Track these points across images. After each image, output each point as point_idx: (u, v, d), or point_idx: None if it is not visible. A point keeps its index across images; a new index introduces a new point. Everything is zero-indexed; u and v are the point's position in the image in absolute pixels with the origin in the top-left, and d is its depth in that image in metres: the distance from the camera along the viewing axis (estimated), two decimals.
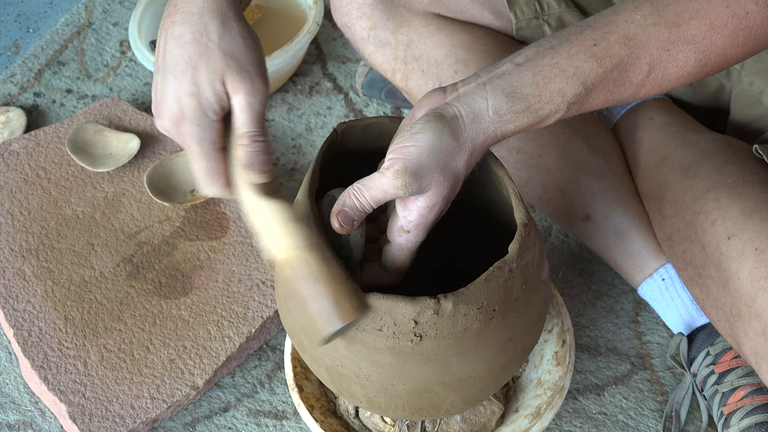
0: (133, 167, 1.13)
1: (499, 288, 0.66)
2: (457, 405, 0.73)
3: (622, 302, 1.03)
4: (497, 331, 0.68)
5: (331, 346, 0.68)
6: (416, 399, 0.70)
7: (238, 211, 1.08)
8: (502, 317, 0.67)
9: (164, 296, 1.01)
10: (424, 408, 0.72)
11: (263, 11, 1.33)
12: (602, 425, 0.93)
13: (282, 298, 0.75)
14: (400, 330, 0.65)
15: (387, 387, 0.69)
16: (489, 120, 0.65)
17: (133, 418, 0.91)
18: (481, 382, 0.71)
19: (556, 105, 0.65)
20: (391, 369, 0.68)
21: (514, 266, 0.66)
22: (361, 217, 0.67)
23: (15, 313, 0.99)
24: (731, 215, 0.80)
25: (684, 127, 0.95)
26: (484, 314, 0.66)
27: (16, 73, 1.35)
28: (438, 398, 0.71)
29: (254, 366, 1.00)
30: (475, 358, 0.68)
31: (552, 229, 1.10)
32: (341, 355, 0.69)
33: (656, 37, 0.64)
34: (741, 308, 0.77)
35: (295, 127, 1.25)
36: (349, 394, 0.73)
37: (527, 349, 0.73)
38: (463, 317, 0.65)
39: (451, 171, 0.65)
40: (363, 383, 0.70)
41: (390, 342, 0.66)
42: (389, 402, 0.71)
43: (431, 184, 0.64)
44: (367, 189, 0.65)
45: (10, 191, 1.11)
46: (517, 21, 1.00)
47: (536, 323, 0.73)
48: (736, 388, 0.86)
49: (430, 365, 0.67)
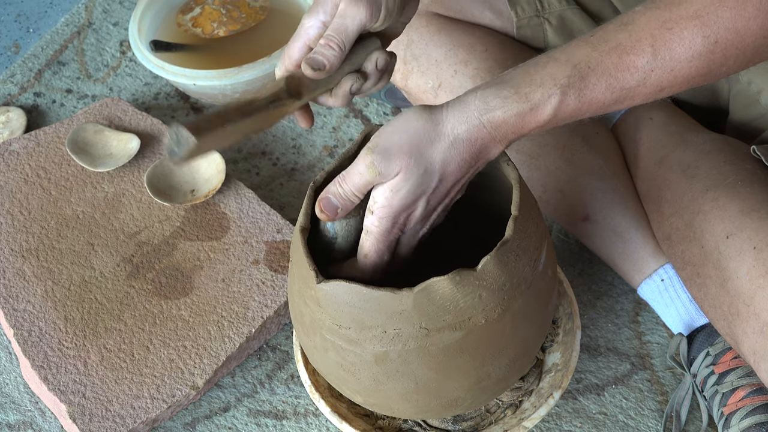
0: (133, 167, 1.13)
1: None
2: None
3: (622, 302, 1.03)
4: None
5: (404, 366, 0.70)
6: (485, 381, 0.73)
7: (238, 211, 1.08)
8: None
9: (164, 296, 1.01)
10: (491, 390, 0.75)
11: (267, 12, 1.33)
12: (602, 425, 0.93)
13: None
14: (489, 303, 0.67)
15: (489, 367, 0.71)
16: (474, 107, 0.63)
17: (133, 418, 0.91)
18: (538, 334, 0.75)
19: (548, 89, 0.62)
20: (487, 337, 0.69)
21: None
22: (345, 204, 0.67)
23: (15, 313, 0.99)
24: (730, 214, 0.80)
25: (683, 127, 0.95)
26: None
27: (16, 73, 1.35)
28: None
29: (254, 366, 1.00)
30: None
31: (552, 229, 1.10)
32: (409, 370, 0.70)
33: (656, 18, 0.62)
34: (739, 307, 0.77)
35: (295, 127, 1.25)
36: (429, 394, 0.73)
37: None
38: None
39: (425, 157, 0.63)
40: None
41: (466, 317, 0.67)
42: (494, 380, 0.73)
43: (401, 166, 0.63)
44: (348, 174, 0.65)
45: (10, 191, 1.11)
46: (518, 19, 1.00)
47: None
48: (736, 389, 0.86)
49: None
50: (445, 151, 0.64)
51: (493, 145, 0.65)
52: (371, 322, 0.67)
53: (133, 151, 1.13)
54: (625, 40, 0.62)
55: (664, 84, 0.63)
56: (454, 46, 1.00)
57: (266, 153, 1.22)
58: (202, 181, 1.11)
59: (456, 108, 0.64)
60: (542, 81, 0.62)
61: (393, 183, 0.64)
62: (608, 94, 0.63)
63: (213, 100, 1.27)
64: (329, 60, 0.66)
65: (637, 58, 0.62)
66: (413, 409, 0.75)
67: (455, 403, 0.74)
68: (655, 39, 0.62)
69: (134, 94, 1.31)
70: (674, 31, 0.61)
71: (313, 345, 0.74)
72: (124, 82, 1.33)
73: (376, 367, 0.70)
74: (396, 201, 0.65)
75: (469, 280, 0.65)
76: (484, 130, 0.63)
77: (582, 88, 0.63)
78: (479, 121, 0.63)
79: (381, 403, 0.76)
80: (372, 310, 0.66)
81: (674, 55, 0.62)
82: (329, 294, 0.67)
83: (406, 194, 0.65)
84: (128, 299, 1.00)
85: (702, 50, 0.62)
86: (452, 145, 0.64)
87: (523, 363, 0.76)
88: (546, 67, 0.63)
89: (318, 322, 0.70)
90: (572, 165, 0.96)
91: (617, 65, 0.62)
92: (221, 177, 1.09)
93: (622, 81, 0.63)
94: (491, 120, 0.63)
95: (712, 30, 0.61)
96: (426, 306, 0.65)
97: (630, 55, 0.62)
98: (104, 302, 1.00)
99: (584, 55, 0.62)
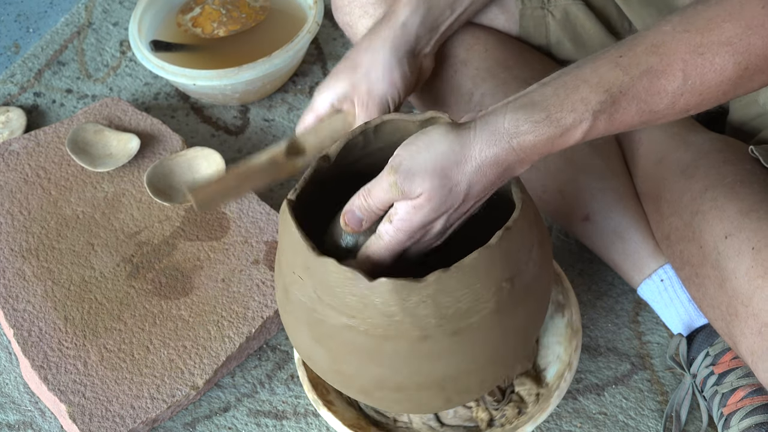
0: (133, 167, 1.13)
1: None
2: (537, 328, 0.76)
3: (622, 302, 1.03)
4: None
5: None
6: (519, 346, 0.73)
7: (238, 211, 1.08)
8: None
9: (164, 296, 1.01)
10: (521, 353, 0.76)
11: (267, 12, 1.33)
12: (602, 425, 0.93)
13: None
14: (495, 286, 0.66)
15: (498, 352, 0.71)
16: (503, 131, 0.62)
17: (133, 418, 0.91)
18: (548, 299, 0.76)
19: (580, 114, 0.62)
20: (499, 331, 0.69)
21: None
22: (370, 217, 0.67)
23: (15, 313, 0.99)
24: (728, 214, 0.80)
25: (683, 127, 0.95)
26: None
27: (16, 73, 1.35)
28: (531, 333, 0.74)
29: (254, 366, 1.00)
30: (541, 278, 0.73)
31: (552, 229, 1.10)
32: (452, 357, 0.69)
33: (687, 42, 0.62)
34: (738, 307, 0.77)
35: (295, 126, 1.25)
36: (462, 392, 0.73)
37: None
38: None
39: (451, 179, 0.63)
40: (478, 366, 0.71)
41: (492, 303, 0.67)
42: (499, 368, 0.73)
43: (424, 186, 0.63)
44: (372, 188, 0.65)
45: (10, 191, 1.11)
46: (522, 7, 1.00)
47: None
48: (736, 389, 0.86)
49: (521, 305, 0.70)
50: (471, 174, 0.63)
51: (519, 166, 0.65)
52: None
53: (133, 151, 1.13)
54: (656, 64, 0.62)
55: (690, 106, 0.63)
56: (455, 45, 1.00)
57: None
58: (202, 181, 1.11)
59: (485, 130, 0.63)
60: (574, 106, 0.62)
61: (416, 202, 0.64)
62: (637, 117, 0.63)
63: (213, 100, 1.27)
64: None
65: (668, 82, 0.62)
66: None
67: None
68: (686, 64, 0.61)
69: (134, 94, 1.31)
70: (706, 57, 0.61)
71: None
72: (124, 82, 1.33)
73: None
74: (417, 218, 0.65)
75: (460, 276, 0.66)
76: (513, 153, 0.63)
77: (613, 113, 0.62)
78: (509, 146, 0.62)
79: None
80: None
81: (705, 80, 0.62)
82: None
83: (428, 213, 0.64)
84: (128, 299, 1.00)
85: (732, 76, 0.62)
86: (479, 168, 0.63)
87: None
88: (578, 90, 0.62)
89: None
90: (572, 165, 0.96)
91: (648, 90, 0.62)
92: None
93: (651, 105, 0.63)
94: (521, 144, 0.62)
95: (744, 57, 0.61)
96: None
97: (661, 79, 0.62)
98: (104, 302, 1.00)
99: (615, 79, 0.62)
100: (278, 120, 1.27)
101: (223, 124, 1.27)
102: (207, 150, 1.13)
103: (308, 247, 0.66)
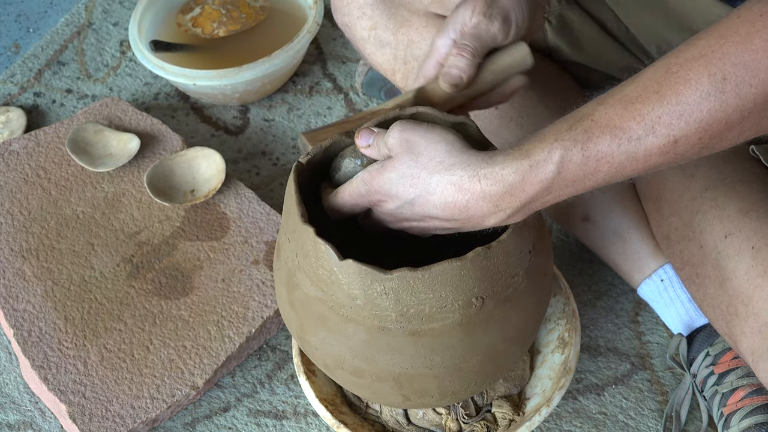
0: (133, 167, 1.13)
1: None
2: (516, 354, 0.75)
3: (622, 302, 1.03)
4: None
5: (391, 354, 0.70)
6: (487, 366, 0.72)
7: (238, 211, 1.08)
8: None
9: (164, 296, 1.01)
10: (490, 374, 0.74)
11: (267, 12, 1.33)
12: (602, 425, 0.93)
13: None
14: (463, 299, 0.66)
15: (460, 365, 0.70)
16: (479, 159, 0.63)
17: (133, 418, 0.91)
18: (533, 329, 0.75)
19: (548, 144, 0.61)
20: (461, 344, 0.69)
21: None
22: (374, 149, 0.68)
23: (15, 313, 0.99)
24: (728, 214, 0.80)
25: None
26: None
27: (16, 73, 1.35)
28: (503, 357, 0.73)
29: (254, 366, 1.00)
30: (525, 305, 0.72)
31: (552, 229, 1.10)
32: (408, 356, 0.69)
33: (662, 65, 0.60)
34: (738, 307, 0.77)
35: (295, 126, 1.25)
36: (420, 394, 0.73)
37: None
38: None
39: (418, 167, 0.64)
40: (436, 373, 0.70)
41: (457, 315, 0.67)
42: (462, 382, 0.72)
43: (397, 153, 0.65)
44: (388, 130, 0.67)
45: (10, 191, 1.11)
46: None
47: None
48: (736, 389, 0.86)
49: (494, 326, 0.69)
50: (435, 180, 0.64)
51: (484, 207, 0.63)
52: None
53: (133, 151, 1.13)
54: (631, 91, 0.60)
55: (676, 133, 0.60)
56: None
57: (266, 153, 1.22)
58: (202, 181, 1.11)
59: (468, 154, 0.63)
60: (544, 137, 0.61)
61: (386, 162, 0.66)
62: (615, 147, 0.60)
63: (213, 100, 1.27)
64: (464, 71, 0.70)
65: (642, 105, 0.60)
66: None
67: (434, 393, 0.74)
68: (660, 85, 0.60)
69: (134, 94, 1.31)
70: (679, 74, 0.59)
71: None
72: (124, 82, 1.33)
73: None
74: (376, 178, 0.66)
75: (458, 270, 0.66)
76: (477, 183, 0.62)
77: (585, 141, 0.60)
78: (476, 173, 0.62)
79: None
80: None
81: (681, 98, 0.59)
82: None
83: (386, 181, 0.66)
84: (128, 299, 1.00)
85: (710, 89, 0.59)
86: (445, 181, 0.63)
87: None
88: (554, 125, 0.62)
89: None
90: None
91: (621, 115, 0.60)
92: (221, 177, 1.09)
93: (628, 131, 0.60)
94: (487, 174, 0.62)
95: (718, 67, 0.58)
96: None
97: (635, 104, 0.60)
98: (104, 302, 1.00)
99: (589, 109, 0.61)
100: (278, 120, 1.27)
101: (223, 124, 1.27)
102: (207, 150, 1.13)
103: (299, 212, 0.68)
